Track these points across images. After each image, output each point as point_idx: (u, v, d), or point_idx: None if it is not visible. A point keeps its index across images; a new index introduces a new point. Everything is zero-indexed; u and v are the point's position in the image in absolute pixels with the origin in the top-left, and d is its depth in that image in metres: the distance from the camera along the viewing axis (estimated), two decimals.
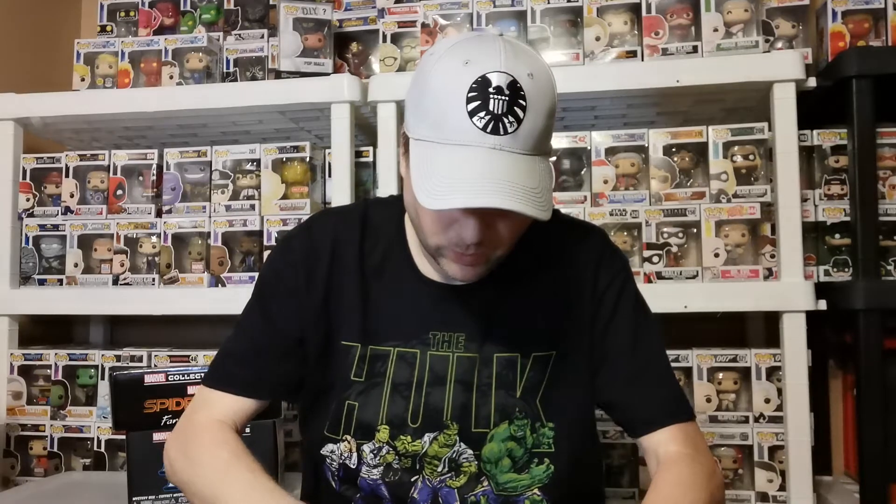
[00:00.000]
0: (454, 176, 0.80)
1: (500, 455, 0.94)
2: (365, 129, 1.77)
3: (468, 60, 0.82)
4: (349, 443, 0.95)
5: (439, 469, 0.94)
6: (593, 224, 1.09)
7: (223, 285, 1.65)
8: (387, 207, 1.05)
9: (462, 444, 0.94)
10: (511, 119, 0.81)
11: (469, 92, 0.81)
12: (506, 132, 0.81)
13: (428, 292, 0.97)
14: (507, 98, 0.80)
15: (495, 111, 0.80)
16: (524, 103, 0.81)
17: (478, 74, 0.81)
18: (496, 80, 0.81)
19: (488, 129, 0.80)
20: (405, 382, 0.95)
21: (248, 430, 1.39)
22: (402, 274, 0.98)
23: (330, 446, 0.97)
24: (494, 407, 0.94)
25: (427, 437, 0.94)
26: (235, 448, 0.92)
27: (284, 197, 1.65)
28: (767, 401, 1.48)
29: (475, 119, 0.80)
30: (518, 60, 0.83)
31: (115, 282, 1.69)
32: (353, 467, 0.96)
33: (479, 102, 0.81)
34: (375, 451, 0.95)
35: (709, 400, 1.50)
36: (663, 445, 0.94)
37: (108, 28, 1.97)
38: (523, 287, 0.98)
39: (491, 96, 0.80)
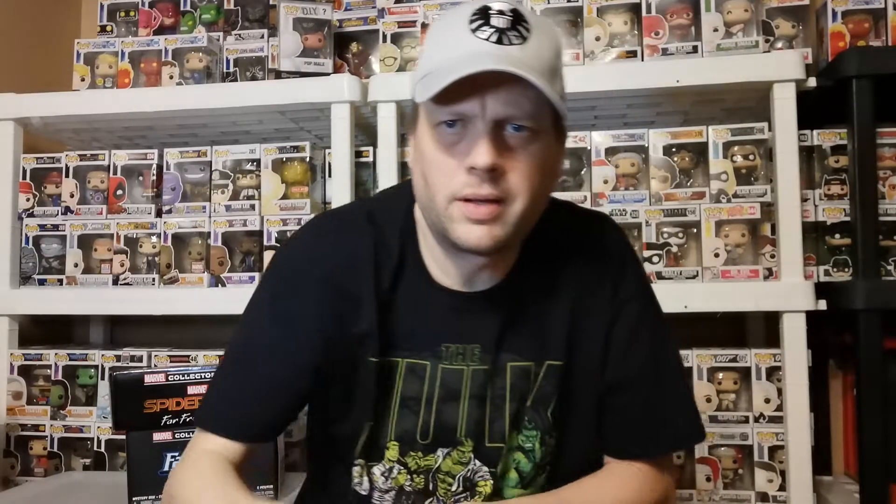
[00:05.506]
0: (458, 70, 0.76)
1: (508, 467, 0.91)
2: (365, 129, 1.77)
3: (467, 5, 0.82)
4: (360, 467, 0.91)
5: (453, 488, 0.90)
6: (613, 220, 1.01)
7: (223, 285, 1.65)
8: (391, 205, 0.96)
9: (476, 461, 0.90)
10: (516, 34, 0.78)
11: (471, 16, 0.79)
12: (511, 43, 0.78)
13: (442, 301, 0.91)
14: (510, 18, 0.79)
15: (499, 26, 0.78)
16: (528, 25, 0.79)
17: (478, 6, 0.80)
18: (497, 5, 0.80)
19: (492, 40, 0.78)
20: (415, 397, 0.90)
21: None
22: (415, 282, 0.92)
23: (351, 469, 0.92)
24: (509, 420, 0.90)
25: (440, 452, 0.90)
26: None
27: (284, 197, 1.65)
28: (767, 401, 1.48)
29: (478, 33, 0.78)
30: (519, 3, 0.83)
31: (115, 282, 1.69)
32: (365, 494, 0.91)
33: (481, 21, 0.79)
34: (386, 473, 0.91)
35: (709, 400, 1.50)
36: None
37: (108, 28, 1.97)
38: (542, 289, 0.92)
39: (492, 15, 0.79)
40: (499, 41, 0.77)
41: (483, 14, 0.79)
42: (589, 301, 0.93)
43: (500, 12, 0.79)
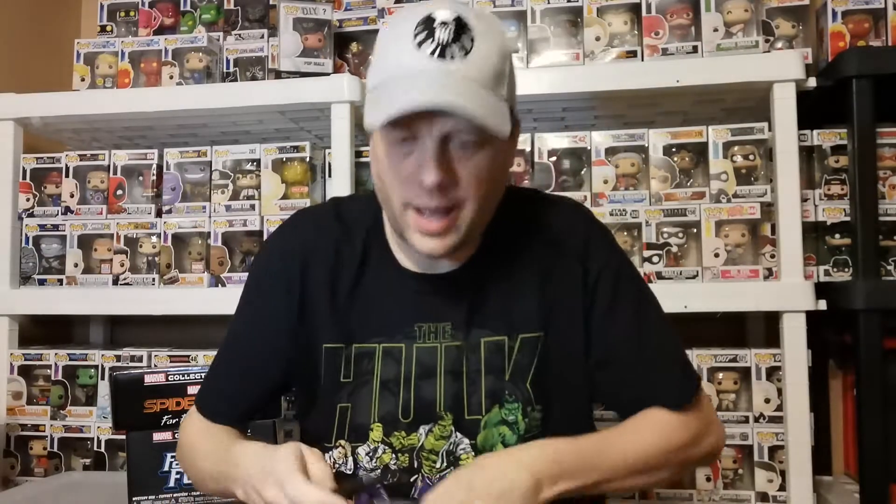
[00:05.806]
0: (400, 99, 0.79)
1: (493, 442, 0.93)
2: (365, 129, 1.76)
3: (415, 10, 0.84)
4: (343, 448, 0.95)
5: (438, 465, 0.93)
6: (575, 201, 1.06)
7: (223, 285, 1.65)
8: (360, 202, 1.04)
9: (458, 434, 0.93)
10: (459, 46, 0.81)
11: (415, 29, 0.82)
12: (453, 57, 0.81)
13: (409, 285, 0.96)
14: (453, 29, 0.81)
15: (442, 40, 0.81)
16: (472, 34, 0.82)
17: (423, 15, 0.82)
18: (441, 16, 0.82)
19: (436, 55, 0.80)
20: (393, 378, 0.94)
21: (248, 430, 1.39)
22: (382, 269, 0.97)
23: (326, 454, 0.96)
24: (485, 393, 0.93)
25: (422, 430, 0.93)
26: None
27: (284, 197, 1.65)
28: (767, 401, 1.48)
29: (423, 47, 0.81)
30: (465, 7, 0.85)
31: (115, 282, 1.69)
32: (349, 474, 0.94)
33: (425, 34, 0.81)
34: (371, 454, 0.94)
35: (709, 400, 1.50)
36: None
37: (108, 28, 1.97)
38: (506, 269, 0.96)
39: (436, 28, 0.81)
40: (441, 55, 0.81)
41: (427, 26, 0.82)
42: (558, 276, 0.96)
43: (444, 23, 0.81)
